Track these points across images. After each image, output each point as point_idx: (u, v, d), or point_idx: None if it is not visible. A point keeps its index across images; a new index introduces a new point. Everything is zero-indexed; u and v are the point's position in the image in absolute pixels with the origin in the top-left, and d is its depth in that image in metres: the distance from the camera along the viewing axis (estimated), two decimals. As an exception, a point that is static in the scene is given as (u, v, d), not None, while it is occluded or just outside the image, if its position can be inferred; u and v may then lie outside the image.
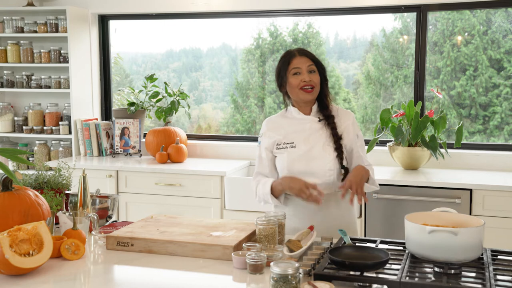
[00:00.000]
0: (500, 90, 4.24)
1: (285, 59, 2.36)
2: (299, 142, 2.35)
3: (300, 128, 2.38)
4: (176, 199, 3.98)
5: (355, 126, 2.43)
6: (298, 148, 2.34)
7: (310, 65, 2.33)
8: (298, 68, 2.32)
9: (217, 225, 2.24)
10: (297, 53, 2.35)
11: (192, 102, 4.92)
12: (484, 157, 3.91)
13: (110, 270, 1.91)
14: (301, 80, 2.31)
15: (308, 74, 2.32)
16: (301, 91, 2.33)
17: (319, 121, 2.38)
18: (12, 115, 4.80)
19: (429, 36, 4.21)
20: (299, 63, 2.32)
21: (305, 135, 2.36)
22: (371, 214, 3.56)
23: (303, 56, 2.34)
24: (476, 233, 1.80)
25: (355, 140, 2.41)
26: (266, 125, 2.45)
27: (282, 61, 2.37)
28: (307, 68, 2.32)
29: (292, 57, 2.34)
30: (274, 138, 2.40)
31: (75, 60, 4.54)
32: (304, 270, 1.77)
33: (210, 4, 4.40)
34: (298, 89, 2.33)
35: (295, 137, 2.37)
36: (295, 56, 2.34)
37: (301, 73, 2.32)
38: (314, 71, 2.34)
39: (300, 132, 2.37)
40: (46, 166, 3.60)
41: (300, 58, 2.33)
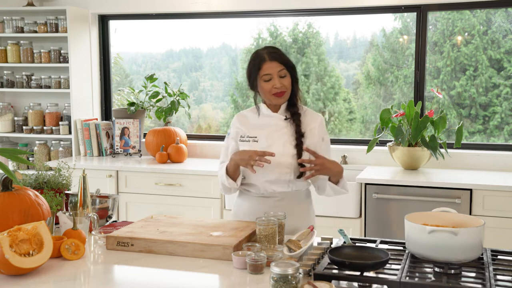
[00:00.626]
0: (500, 90, 4.24)
1: (255, 63, 2.35)
2: (261, 137, 2.39)
3: (266, 124, 2.42)
4: (176, 199, 3.98)
5: (322, 129, 2.45)
6: (260, 142, 2.38)
7: (280, 70, 2.32)
8: (269, 75, 2.32)
9: (217, 225, 2.24)
10: (268, 58, 2.32)
11: (192, 102, 4.93)
12: (484, 157, 3.91)
13: (110, 270, 1.91)
14: (272, 86, 2.32)
15: (279, 79, 2.32)
16: (273, 96, 2.35)
17: (285, 119, 2.41)
18: (12, 115, 4.80)
19: (429, 36, 4.21)
20: (270, 68, 2.31)
21: (269, 131, 2.40)
22: (371, 214, 3.56)
23: (273, 61, 2.32)
24: (476, 233, 1.80)
25: (320, 142, 2.42)
26: (236, 118, 2.51)
27: (252, 65, 2.36)
28: (278, 73, 2.32)
29: (263, 62, 2.33)
30: (240, 130, 2.45)
31: (75, 60, 4.54)
32: (304, 270, 1.77)
33: (210, 4, 4.40)
34: (270, 94, 2.34)
35: (259, 132, 2.41)
36: (265, 61, 2.32)
37: (272, 78, 2.32)
38: (285, 75, 2.34)
39: (265, 127, 2.41)
40: (46, 166, 3.60)
41: (271, 63, 2.32)
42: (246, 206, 2.45)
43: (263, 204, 2.40)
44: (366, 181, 3.55)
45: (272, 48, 2.38)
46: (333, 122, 4.78)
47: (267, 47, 2.39)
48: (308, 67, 4.75)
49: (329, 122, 4.79)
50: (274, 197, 2.40)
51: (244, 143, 2.42)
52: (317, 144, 2.41)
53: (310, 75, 4.76)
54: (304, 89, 4.75)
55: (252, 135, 2.41)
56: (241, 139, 2.44)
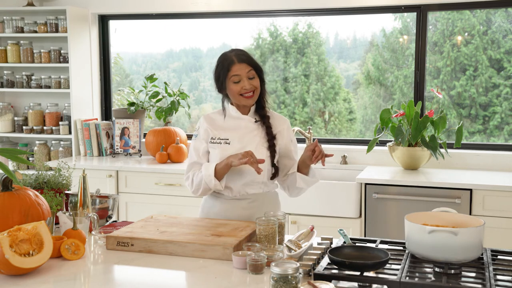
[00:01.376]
0: (500, 90, 4.24)
1: (224, 65, 2.36)
2: (233, 140, 2.40)
3: (236, 126, 2.43)
4: (176, 199, 3.98)
5: (289, 131, 2.50)
6: (232, 145, 2.39)
7: (249, 71, 2.34)
8: (238, 76, 2.34)
9: (217, 225, 2.24)
10: (236, 60, 2.35)
11: (192, 102, 4.92)
12: (484, 157, 3.91)
13: (110, 270, 1.91)
14: (241, 87, 2.34)
15: (248, 80, 2.34)
16: (242, 97, 2.36)
17: (255, 121, 2.43)
18: (12, 115, 4.80)
19: (429, 36, 4.21)
20: (239, 70, 2.33)
21: (240, 133, 2.41)
22: (371, 214, 3.56)
23: (242, 63, 2.34)
24: (476, 233, 1.80)
25: (290, 144, 2.47)
26: (204, 119, 2.48)
27: (221, 67, 2.37)
28: (247, 75, 2.34)
29: (231, 64, 2.34)
30: (210, 131, 2.44)
31: (75, 60, 4.54)
32: (304, 270, 1.77)
33: (210, 4, 4.40)
34: (239, 95, 2.36)
35: (230, 134, 2.41)
36: (234, 63, 2.34)
37: (241, 80, 2.34)
38: (254, 77, 2.36)
39: (236, 130, 2.42)
40: (46, 166, 3.60)
41: (240, 65, 2.34)
42: (218, 208, 2.46)
43: (235, 206, 2.43)
44: (366, 181, 3.56)
45: (239, 50, 2.41)
46: (333, 122, 4.78)
47: (234, 50, 2.41)
48: (308, 67, 4.75)
49: (329, 122, 4.79)
50: (246, 199, 2.43)
51: (215, 145, 2.41)
52: (287, 146, 2.47)
53: (310, 75, 4.76)
54: (304, 89, 4.76)
55: (223, 137, 2.42)
56: (211, 141, 2.43)
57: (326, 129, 4.79)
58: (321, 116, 4.81)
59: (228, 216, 2.43)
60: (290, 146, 2.47)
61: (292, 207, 3.66)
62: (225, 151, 2.38)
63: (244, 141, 2.40)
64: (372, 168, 3.95)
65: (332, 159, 4.22)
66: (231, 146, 2.39)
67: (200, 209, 2.57)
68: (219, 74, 2.39)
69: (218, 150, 2.40)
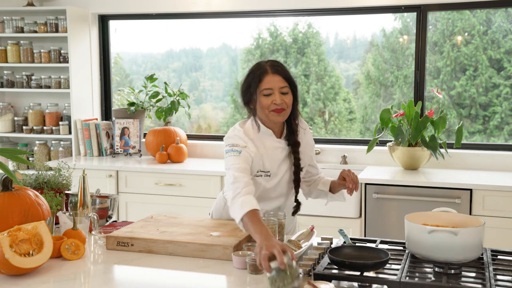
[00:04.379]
0: (500, 90, 4.24)
1: (256, 74, 2.16)
2: (273, 172, 2.23)
3: (274, 155, 2.23)
4: (176, 199, 3.98)
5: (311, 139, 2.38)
6: (272, 178, 2.24)
7: (283, 87, 2.14)
8: (270, 89, 2.13)
9: (217, 225, 2.24)
10: (270, 71, 2.14)
11: (192, 102, 4.92)
12: (484, 157, 3.91)
13: (110, 270, 1.91)
14: (272, 101, 2.13)
15: (280, 95, 2.13)
16: (271, 113, 2.15)
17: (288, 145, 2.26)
18: (12, 115, 4.80)
19: (429, 36, 4.21)
20: (272, 82, 2.13)
21: (278, 163, 2.24)
22: (371, 214, 3.56)
23: (276, 75, 2.14)
24: (476, 233, 1.80)
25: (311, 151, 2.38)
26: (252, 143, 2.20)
27: (253, 77, 2.17)
28: (280, 90, 2.14)
29: (264, 74, 2.14)
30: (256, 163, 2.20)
31: (75, 60, 4.54)
32: (304, 270, 1.77)
33: (210, 4, 4.40)
34: (269, 111, 2.15)
35: (270, 165, 2.22)
36: (268, 73, 2.14)
37: (273, 93, 2.13)
38: (287, 93, 2.16)
39: (275, 160, 2.23)
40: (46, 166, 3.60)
41: (273, 76, 2.14)
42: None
43: None
44: (366, 181, 3.56)
45: (275, 61, 2.21)
46: (333, 122, 4.78)
47: (270, 60, 2.21)
48: (308, 67, 4.75)
49: (329, 122, 4.79)
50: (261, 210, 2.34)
51: (259, 178, 2.22)
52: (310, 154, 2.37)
53: (310, 75, 4.76)
54: (304, 89, 4.76)
55: (265, 169, 2.21)
56: (257, 174, 2.20)
57: (326, 129, 4.79)
58: (321, 116, 4.81)
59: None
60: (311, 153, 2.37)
61: (292, 207, 3.65)
62: (267, 183, 2.24)
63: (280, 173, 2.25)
64: (372, 168, 3.95)
65: (332, 159, 4.22)
66: (271, 179, 2.25)
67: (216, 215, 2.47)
68: (250, 84, 2.17)
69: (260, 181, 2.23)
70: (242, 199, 1.98)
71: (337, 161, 4.19)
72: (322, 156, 4.23)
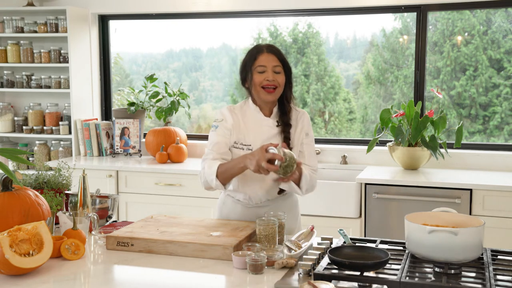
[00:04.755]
0: (500, 90, 4.24)
1: (252, 53, 2.29)
2: (256, 146, 2.28)
3: (259, 130, 2.32)
4: (176, 199, 3.98)
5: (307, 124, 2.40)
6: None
7: (276, 65, 2.26)
8: (264, 66, 2.25)
9: (217, 225, 2.24)
10: (265, 50, 2.27)
11: (192, 102, 4.93)
12: (484, 157, 3.91)
13: (110, 270, 1.91)
14: (264, 78, 2.25)
15: (273, 74, 2.25)
16: (262, 90, 2.27)
17: (277, 125, 2.33)
18: (12, 115, 4.80)
19: (429, 36, 4.21)
20: (266, 60, 2.25)
21: (263, 138, 2.31)
22: (371, 214, 3.56)
23: (270, 54, 2.27)
24: (476, 233, 1.80)
25: (304, 137, 2.38)
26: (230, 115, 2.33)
27: (249, 56, 2.30)
28: (273, 68, 2.26)
29: (260, 53, 2.27)
30: (234, 135, 2.32)
31: (75, 60, 4.54)
32: (304, 270, 1.77)
33: (210, 4, 4.40)
34: (260, 87, 2.26)
35: (253, 139, 2.31)
36: (263, 52, 2.27)
37: (266, 71, 2.25)
38: (280, 72, 2.27)
39: (259, 134, 2.31)
40: (46, 166, 3.60)
41: (268, 55, 2.26)
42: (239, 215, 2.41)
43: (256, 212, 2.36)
44: (366, 181, 3.56)
45: (272, 45, 2.33)
46: (333, 122, 4.78)
47: (268, 43, 2.34)
48: (308, 67, 4.75)
49: (329, 122, 4.79)
50: (267, 206, 2.38)
51: (238, 151, 2.31)
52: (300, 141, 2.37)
53: (310, 75, 4.76)
54: (304, 89, 4.76)
55: (247, 142, 2.31)
56: (235, 145, 2.32)
57: (326, 129, 4.79)
58: (321, 116, 4.81)
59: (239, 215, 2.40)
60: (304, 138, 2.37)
61: (292, 207, 3.65)
62: None
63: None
64: (372, 168, 3.95)
65: (332, 159, 4.22)
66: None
67: (218, 211, 2.50)
68: (246, 63, 2.30)
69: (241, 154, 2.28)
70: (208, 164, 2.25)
71: (337, 161, 4.19)
72: (322, 156, 4.23)
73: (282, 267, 1.85)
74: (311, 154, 2.39)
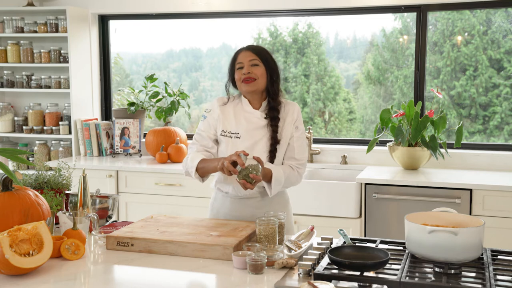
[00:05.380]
0: (500, 90, 4.24)
1: (234, 54, 2.46)
2: (243, 134, 2.41)
3: (248, 120, 2.43)
4: (176, 199, 3.98)
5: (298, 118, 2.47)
6: (243, 139, 2.40)
7: (252, 59, 2.38)
8: (241, 63, 2.39)
9: (217, 225, 2.24)
10: (244, 48, 2.43)
11: (192, 102, 4.93)
12: (484, 157, 3.91)
13: (110, 270, 1.91)
14: (242, 73, 2.39)
15: (249, 67, 2.37)
16: (242, 83, 2.40)
17: (265, 117, 2.43)
18: (12, 115, 4.80)
19: (429, 36, 4.21)
20: (243, 57, 2.40)
21: (251, 128, 2.42)
22: (371, 214, 3.56)
23: (247, 51, 2.40)
24: (476, 233, 1.80)
25: (293, 130, 2.45)
26: (218, 105, 2.47)
27: (233, 57, 2.46)
28: (249, 62, 2.38)
29: (239, 53, 2.43)
30: (222, 124, 2.44)
31: (75, 60, 4.54)
32: (304, 270, 1.77)
33: (210, 4, 4.40)
34: (240, 81, 2.40)
35: (241, 128, 2.42)
36: (241, 51, 2.42)
37: (244, 66, 2.39)
38: (257, 65, 2.38)
39: (247, 124, 2.42)
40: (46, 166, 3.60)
41: (245, 52, 2.40)
42: (228, 208, 2.48)
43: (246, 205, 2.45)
44: (366, 181, 3.56)
45: (253, 45, 2.46)
46: (333, 122, 4.78)
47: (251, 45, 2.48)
48: (308, 67, 4.75)
49: (329, 122, 4.79)
50: (255, 197, 2.45)
51: (226, 139, 2.42)
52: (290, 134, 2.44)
53: (310, 75, 4.76)
54: (304, 89, 4.76)
55: (234, 131, 2.42)
56: (222, 133, 2.44)
57: (326, 129, 4.79)
58: (321, 116, 4.81)
59: (238, 215, 2.44)
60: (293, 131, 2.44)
61: (293, 207, 3.65)
62: (235, 145, 2.39)
63: (253, 137, 2.40)
64: (372, 168, 3.95)
65: (332, 159, 4.22)
66: (241, 141, 2.40)
67: (209, 209, 2.59)
68: (230, 63, 2.46)
69: (230, 143, 2.41)
70: (191, 157, 2.40)
71: (337, 161, 4.19)
72: (322, 156, 4.23)
73: (282, 267, 1.85)
74: (300, 148, 2.46)
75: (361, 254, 1.87)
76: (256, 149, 2.39)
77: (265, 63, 2.40)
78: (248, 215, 2.43)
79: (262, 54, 2.41)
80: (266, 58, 2.41)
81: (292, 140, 2.44)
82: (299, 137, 2.46)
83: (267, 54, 2.42)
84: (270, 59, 2.43)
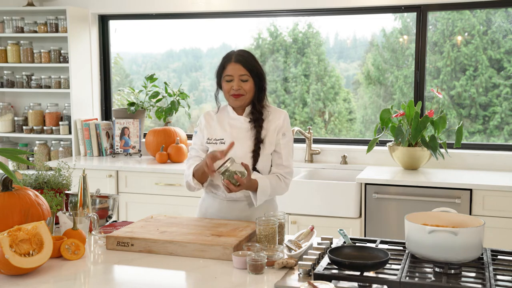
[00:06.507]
0: (500, 90, 4.24)
1: (222, 62, 2.43)
2: (228, 140, 2.43)
3: (232, 126, 2.47)
4: (176, 199, 3.98)
5: (285, 124, 2.48)
6: (227, 144, 2.39)
7: (242, 74, 2.38)
8: (231, 76, 2.39)
9: (217, 225, 2.24)
10: (233, 59, 2.39)
11: (192, 102, 4.93)
12: (484, 157, 3.91)
13: (110, 270, 1.91)
14: (231, 87, 2.39)
15: (239, 82, 2.38)
16: (230, 97, 2.42)
17: (249, 121, 2.45)
18: (12, 115, 4.80)
19: (429, 36, 4.21)
20: (232, 70, 2.38)
21: (235, 132, 2.45)
22: (371, 214, 3.56)
23: (237, 64, 2.38)
24: (476, 233, 1.80)
25: (280, 137, 2.46)
26: (203, 117, 2.55)
27: (220, 64, 2.45)
28: (239, 77, 2.38)
29: (228, 63, 2.40)
30: (206, 131, 2.50)
31: (75, 60, 4.54)
32: (304, 270, 1.77)
33: (210, 4, 4.40)
34: (229, 95, 2.42)
35: (225, 134, 2.46)
36: (231, 62, 2.39)
37: (233, 80, 2.39)
38: (247, 80, 2.39)
39: (231, 129, 2.46)
40: (46, 166, 3.60)
41: (235, 65, 2.38)
42: (216, 209, 2.50)
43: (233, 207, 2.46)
44: (366, 181, 3.56)
45: (242, 51, 2.44)
46: (333, 122, 4.78)
47: (239, 50, 2.44)
48: (308, 67, 4.75)
49: (329, 122, 4.79)
50: (243, 201, 2.46)
51: (212, 145, 2.47)
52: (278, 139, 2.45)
53: (310, 75, 4.76)
54: (304, 89, 4.76)
55: (219, 137, 2.47)
56: (208, 141, 2.49)
57: (326, 129, 4.79)
58: (321, 116, 4.81)
59: (225, 216, 2.46)
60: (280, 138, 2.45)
61: (292, 207, 3.66)
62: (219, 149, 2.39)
63: (238, 140, 2.41)
64: (372, 168, 3.95)
65: (332, 159, 4.22)
66: (225, 146, 2.39)
67: (198, 208, 2.60)
68: (218, 70, 2.46)
69: (214, 149, 2.42)
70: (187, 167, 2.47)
71: (337, 161, 4.19)
72: (322, 156, 4.23)
73: (282, 267, 1.85)
74: (288, 155, 2.48)
75: (361, 254, 1.87)
76: (240, 149, 2.39)
77: (254, 78, 2.40)
78: (235, 218, 2.44)
79: (251, 66, 2.39)
80: (255, 72, 2.40)
81: (279, 148, 2.45)
82: (286, 144, 2.47)
83: (256, 65, 2.41)
84: (258, 69, 2.42)
